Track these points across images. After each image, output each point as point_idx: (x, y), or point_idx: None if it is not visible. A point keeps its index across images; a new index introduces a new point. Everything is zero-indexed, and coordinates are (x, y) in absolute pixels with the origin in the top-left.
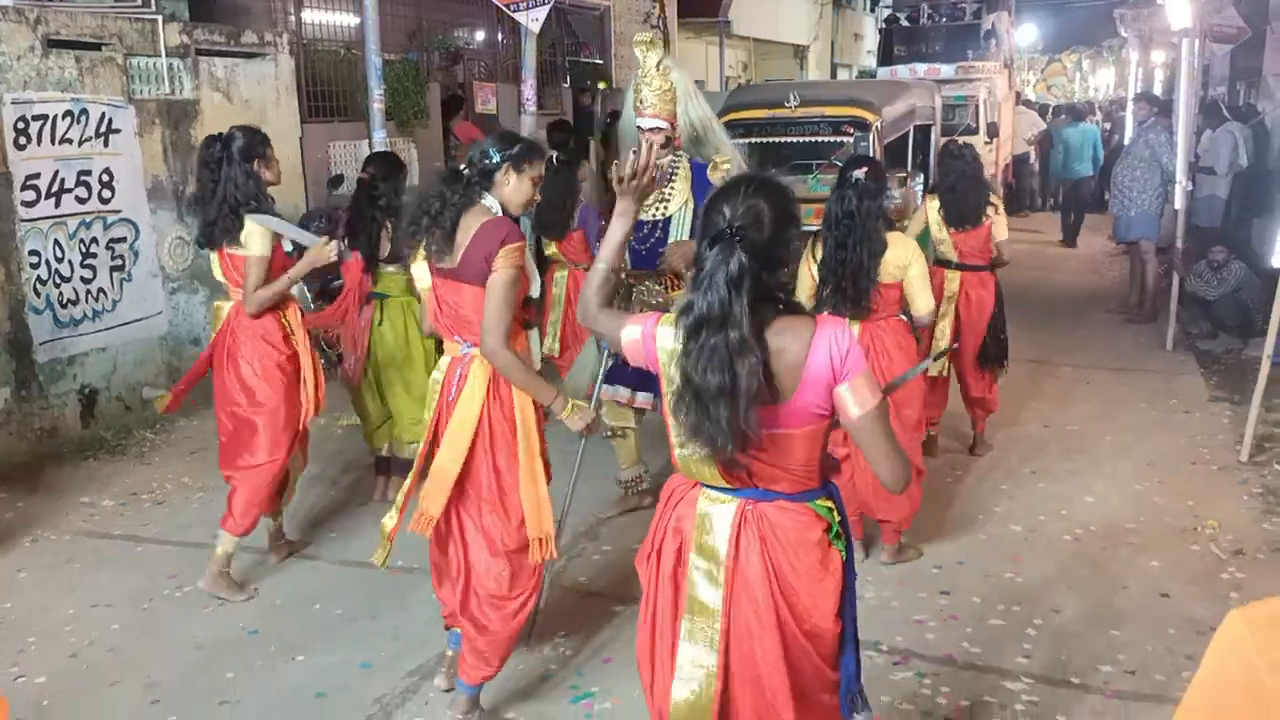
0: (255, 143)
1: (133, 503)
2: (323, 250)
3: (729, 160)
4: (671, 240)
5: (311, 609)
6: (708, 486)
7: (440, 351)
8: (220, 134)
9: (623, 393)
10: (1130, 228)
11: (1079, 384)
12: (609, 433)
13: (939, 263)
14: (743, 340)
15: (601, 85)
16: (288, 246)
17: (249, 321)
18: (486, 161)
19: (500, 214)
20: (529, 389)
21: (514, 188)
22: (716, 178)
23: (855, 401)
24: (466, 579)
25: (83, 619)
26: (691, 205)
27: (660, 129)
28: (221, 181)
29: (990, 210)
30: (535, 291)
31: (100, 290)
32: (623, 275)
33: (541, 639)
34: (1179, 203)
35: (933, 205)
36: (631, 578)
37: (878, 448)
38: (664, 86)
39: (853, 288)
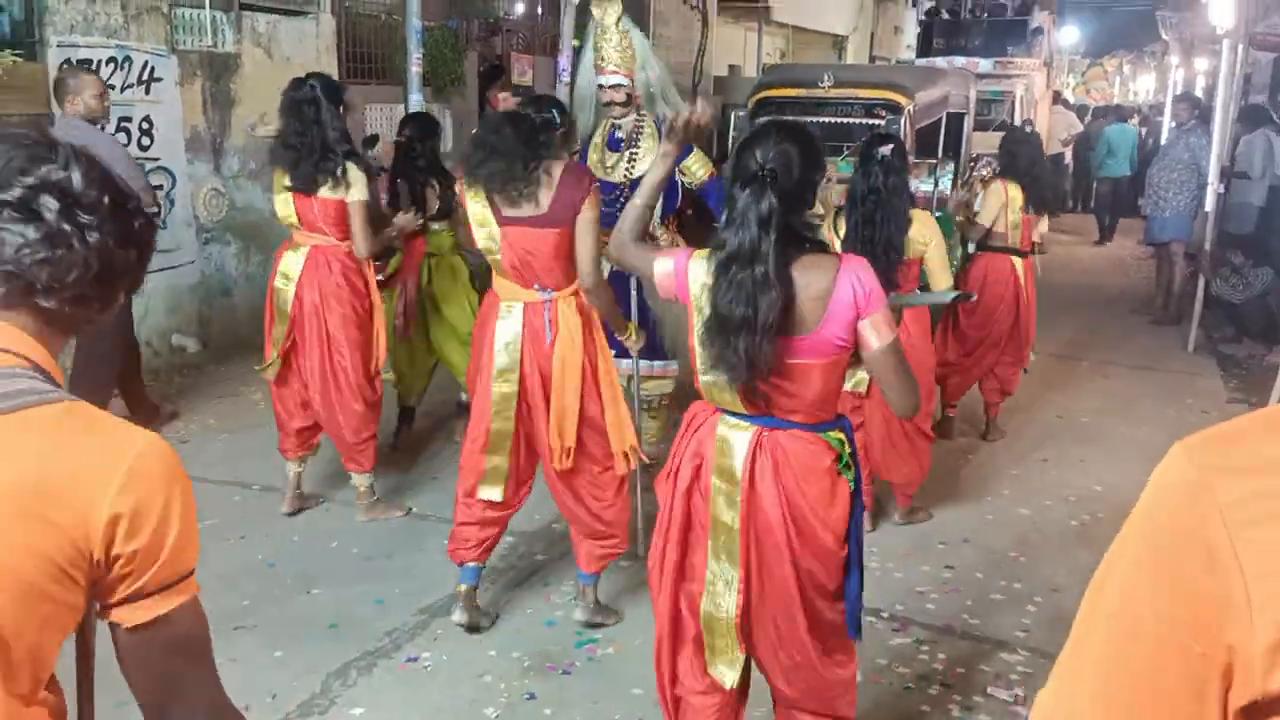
0: (337, 87)
1: None
2: (410, 219)
3: None
4: None
5: (329, 547)
6: (727, 413)
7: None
8: (302, 78)
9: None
10: (1164, 228)
11: (1096, 379)
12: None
13: (1006, 250)
14: (766, 275)
15: None
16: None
17: (332, 273)
18: (550, 118)
19: None
20: (612, 316)
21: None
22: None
23: (876, 336)
24: (581, 501)
25: None
26: None
27: (621, 85)
28: (321, 124)
29: None
30: None
31: None
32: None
33: (551, 589)
34: (1209, 205)
35: (1014, 188)
36: (636, 536)
37: (894, 375)
38: (624, 43)
39: (881, 263)
